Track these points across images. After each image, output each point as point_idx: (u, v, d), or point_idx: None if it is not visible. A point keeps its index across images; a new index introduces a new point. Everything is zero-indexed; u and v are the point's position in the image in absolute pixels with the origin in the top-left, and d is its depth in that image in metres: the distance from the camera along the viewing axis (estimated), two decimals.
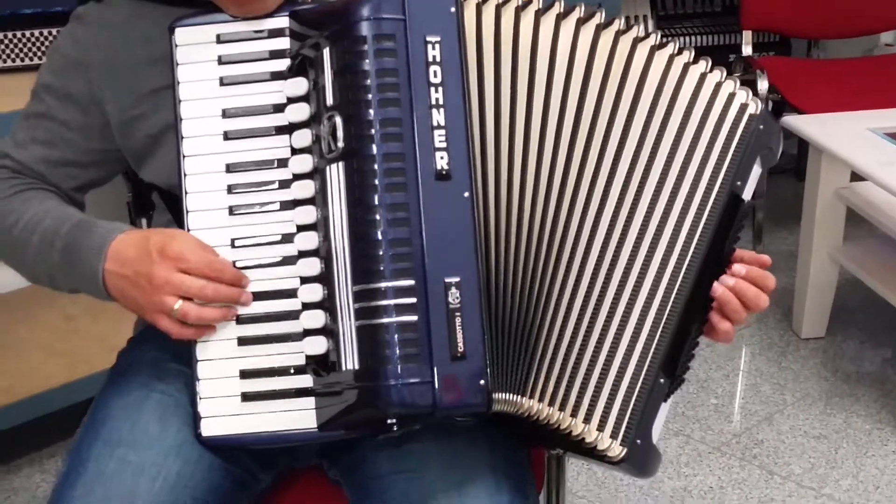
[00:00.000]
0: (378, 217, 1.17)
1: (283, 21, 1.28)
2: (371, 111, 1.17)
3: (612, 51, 1.27)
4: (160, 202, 1.46)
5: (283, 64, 1.27)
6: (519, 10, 1.25)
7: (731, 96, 1.29)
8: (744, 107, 1.30)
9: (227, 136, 1.28)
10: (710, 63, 1.30)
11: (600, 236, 1.25)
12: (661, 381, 1.25)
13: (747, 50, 3.48)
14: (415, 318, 1.16)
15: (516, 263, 1.24)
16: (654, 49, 1.29)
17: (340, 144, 1.19)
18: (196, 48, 1.29)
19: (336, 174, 1.20)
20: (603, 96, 1.26)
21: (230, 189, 1.28)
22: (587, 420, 1.23)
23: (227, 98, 1.29)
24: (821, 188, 2.77)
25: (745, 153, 1.29)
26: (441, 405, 1.16)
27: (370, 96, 1.17)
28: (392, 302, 1.16)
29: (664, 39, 1.30)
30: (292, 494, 1.44)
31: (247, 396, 1.27)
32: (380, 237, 1.17)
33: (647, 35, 1.29)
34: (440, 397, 1.16)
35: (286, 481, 1.45)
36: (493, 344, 1.21)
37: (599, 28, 1.28)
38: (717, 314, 1.29)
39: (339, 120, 1.19)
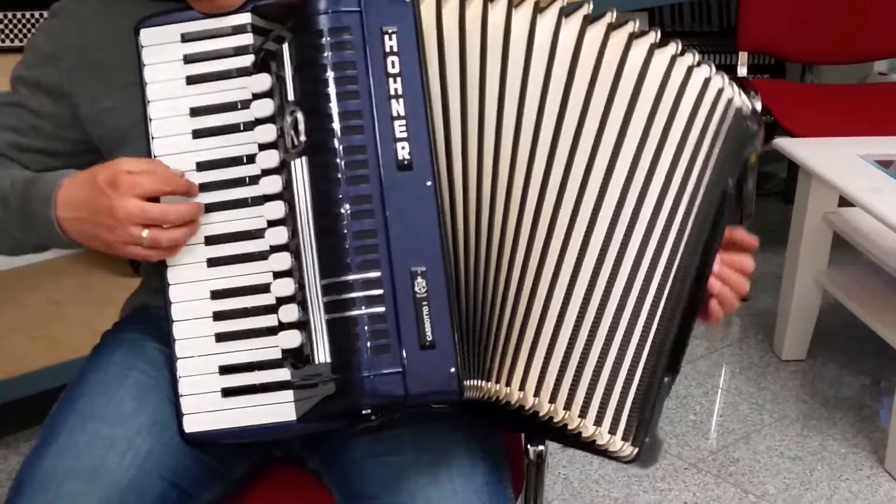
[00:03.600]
0: (342, 210, 1.19)
1: (245, 17, 1.28)
2: (331, 105, 1.19)
3: (579, 39, 1.26)
4: None
5: (247, 60, 1.27)
6: (487, 2, 1.25)
7: (720, 92, 1.28)
8: (739, 109, 1.29)
9: (196, 135, 1.29)
10: (696, 57, 1.29)
11: (581, 225, 1.25)
12: (667, 379, 1.28)
13: (742, 71, 3.49)
14: (383, 308, 1.18)
15: (489, 248, 1.25)
16: (632, 37, 1.27)
17: (303, 139, 1.20)
18: (161, 48, 1.29)
19: (300, 168, 1.21)
20: (571, 84, 1.25)
21: (202, 187, 1.28)
22: (583, 414, 1.25)
23: (194, 97, 1.29)
24: (808, 212, 2.79)
25: (734, 150, 1.29)
26: (412, 394, 1.18)
27: (329, 90, 1.19)
28: (360, 294, 1.18)
29: (642, 29, 1.28)
30: (269, 486, 1.45)
31: (227, 392, 1.28)
32: (345, 230, 1.19)
33: (623, 23, 1.28)
34: (411, 386, 1.18)
35: (263, 472, 1.45)
36: (462, 331, 1.22)
37: (586, 20, 1.27)
38: (714, 303, 1.32)
39: (300, 114, 1.21)
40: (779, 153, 2.89)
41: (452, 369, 1.19)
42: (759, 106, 3.23)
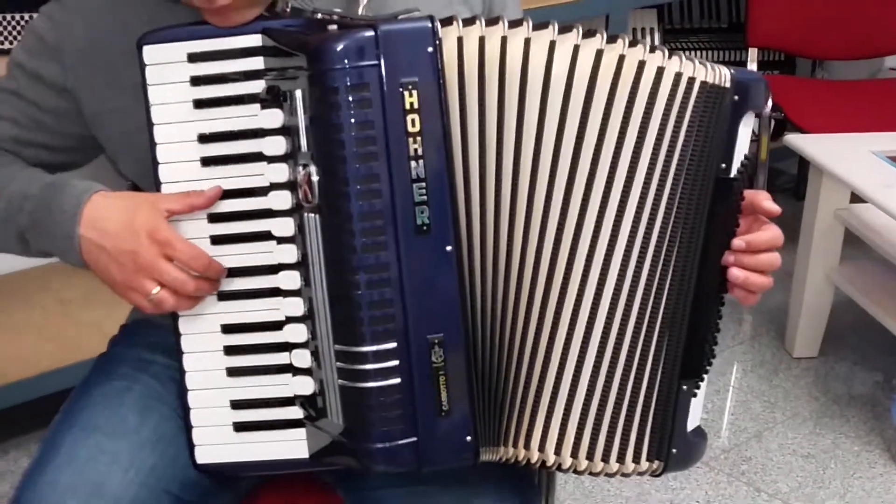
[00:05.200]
0: (357, 278, 1.14)
1: (255, 39, 1.21)
2: (347, 167, 1.12)
3: (595, 69, 1.17)
4: None
5: (257, 86, 1.20)
6: (505, 40, 1.15)
7: (678, 76, 1.18)
8: (706, 84, 1.19)
9: (205, 162, 1.23)
10: (646, 48, 1.18)
11: (577, 271, 1.20)
12: (684, 387, 1.25)
13: (752, 67, 3.48)
14: (398, 381, 1.15)
15: (504, 311, 1.20)
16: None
17: (316, 199, 1.15)
18: (167, 68, 1.22)
19: (314, 224, 1.16)
20: (585, 125, 1.17)
21: (210, 218, 1.23)
22: (605, 458, 1.24)
23: (202, 122, 1.23)
24: (820, 208, 2.77)
25: (714, 134, 1.20)
26: (425, 463, 1.17)
27: (345, 152, 1.12)
28: (374, 367, 1.15)
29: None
30: (279, 492, 1.43)
31: (239, 426, 1.27)
32: (359, 300, 1.14)
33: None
34: (424, 455, 1.17)
35: (274, 480, 1.43)
36: (478, 397, 1.20)
37: (600, 51, 1.17)
38: (740, 291, 1.26)
39: (314, 171, 1.14)
40: (789, 150, 2.87)
41: (469, 438, 1.18)
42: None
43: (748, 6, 3.49)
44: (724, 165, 1.21)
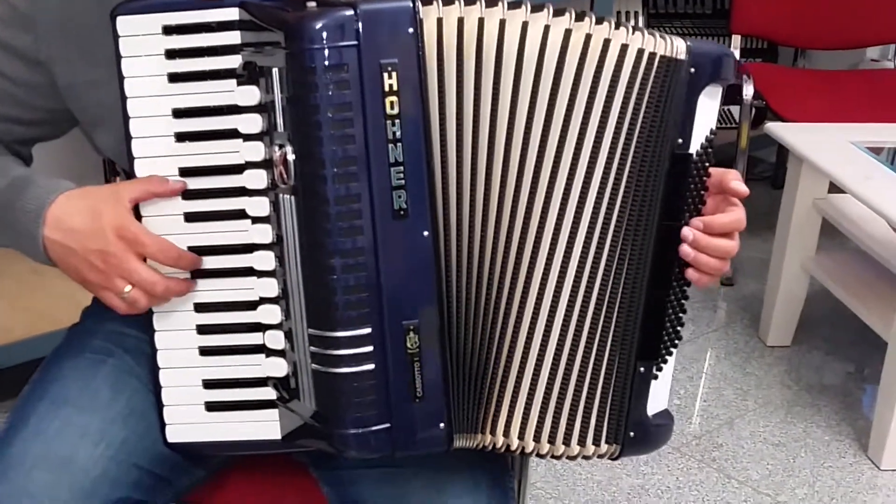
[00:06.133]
0: (332, 262, 1.12)
1: (232, 12, 1.17)
2: (323, 149, 1.09)
3: (563, 48, 1.15)
4: None
5: (234, 61, 1.17)
6: (482, 21, 1.13)
7: (625, 48, 1.15)
8: (657, 56, 1.16)
9: (179, 138, 1.20)
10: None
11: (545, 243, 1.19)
12: (642, 369, 1.23)
13: (735, 54, 3.47)
14: (371, 366, 1.14)
15: (478, 298, 1.19)
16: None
17: (292, 181, 1.12)
18: (141, 39, 1.19)
19: (289, 205, 1.14)
20: (554, 108, 1.16)
21: (185, 195, 1.21)
22: (567, 442, 1.23)
23: (177, 96, 1.20)
24: (798, 198, 2.78)
25: (670, 107, 1.17)
26: (399, 449, 1.16)
27: (321, 133, 1.09)
28: (347, 352, 1.13)
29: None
30: (252, 470, 1.42)
31: (211, 406, 1.26)
32: (334, 284, 1.12)
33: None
34: (398, 441, 1.16)
35: (246, 458, 1.41)
36: (453, 383, 1.19)
37: (569, 30, 1.15)
38: (693, 272, 1.22)
39: (289, 151, 1.12)
40: (769, 138, 2.88)
41: (442, 424, 1.17)
42: (751, 91, 3.22)
43: None
44: (680, 140, 1.18)
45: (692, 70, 1.17)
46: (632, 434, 1.24)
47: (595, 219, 1.18)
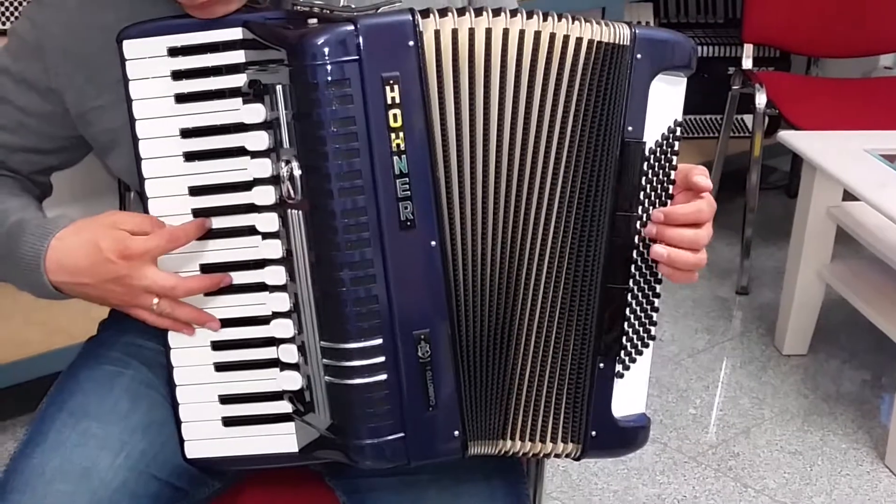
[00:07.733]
0: (341, 275, 1.13)
1: (235, 32, 1.19)
2: (328, 164, 1.11)
3: (520, 48, 1.17)
4: None
5: (239, 80, 1.19)
6: (473, 32, 1.15)
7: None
8: (594, 42, 1.17)
9: (188, 157, 1.22)
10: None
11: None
12: (601, 365, 1.22)
13: (747, 63, 3.47)
14: (384, 377, 1.15)
15: (490, 304, 1.20)
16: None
17: (299, 196, 1.14)
18: (147, 62, 1.21)
19: (297, 220, 1.15)
20: (518, 109, 1.18)
21: (195, 213, 1.22)
22: (531, 438, 1.23)
23: (184, 116, 1.21)
24: (812, 206, 2.77)
25: (614, 93, 1.18)
26: (414, 457, 1.17)
27: (327, 148, 1.11)
28: (360, 363, 1.14)
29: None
30: (268, 481, 1.42)
31: (228, 421, 1.26)
32: (344, 296, 1.13)
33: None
34: (412, 450, 1.17)
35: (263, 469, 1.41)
36: (466, 390, 1.19)
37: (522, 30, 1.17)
38: (665, 268, 1.22)
39: (296, 167, 1.13)
40: (782, 147, 2.87)
41: (456, 432, 1.18)
42: (763, 100, 3.21)
43: (744, 2, 3.48)
44: (630, 128, 1.18)
45: (638, 56, 1.17)
46: (594, 434, 1.23)
47: (560, 210, 1.19)
